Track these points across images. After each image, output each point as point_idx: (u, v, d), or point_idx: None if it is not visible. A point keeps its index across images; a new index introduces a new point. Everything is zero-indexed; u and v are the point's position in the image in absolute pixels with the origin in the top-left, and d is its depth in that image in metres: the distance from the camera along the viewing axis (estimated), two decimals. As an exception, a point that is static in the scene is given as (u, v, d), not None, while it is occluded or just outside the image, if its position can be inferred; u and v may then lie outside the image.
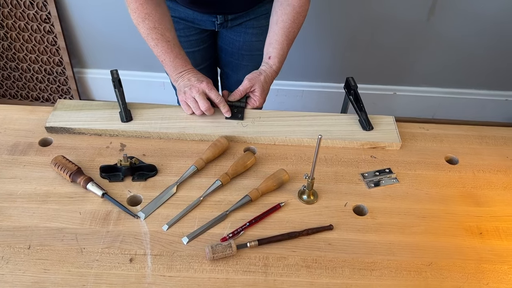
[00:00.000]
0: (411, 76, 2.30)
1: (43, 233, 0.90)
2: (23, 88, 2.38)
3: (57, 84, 2.34)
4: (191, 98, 1.12)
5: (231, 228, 0.93)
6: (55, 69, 2.28)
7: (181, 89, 1.14)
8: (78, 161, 1.04)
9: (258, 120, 1.14)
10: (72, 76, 2.30)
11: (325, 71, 2.30)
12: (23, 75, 2.32)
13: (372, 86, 2.34)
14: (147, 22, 1.10)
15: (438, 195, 1.02)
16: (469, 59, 2.20)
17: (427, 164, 1.09)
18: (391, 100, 2.39)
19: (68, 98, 2.38)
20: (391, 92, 2.36)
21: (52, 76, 2.31)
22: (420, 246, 0.92)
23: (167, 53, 1.13)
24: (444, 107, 2.41)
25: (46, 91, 2.38)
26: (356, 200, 1.00)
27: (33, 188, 0.98)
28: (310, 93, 2.38)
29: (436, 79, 2.31)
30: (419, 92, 2.36)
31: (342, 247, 0.91)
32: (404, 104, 2.40)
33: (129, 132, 1.10)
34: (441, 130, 1.18)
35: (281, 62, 1.20)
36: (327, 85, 2.36)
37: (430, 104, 2.41)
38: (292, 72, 2.28)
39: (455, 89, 2.36)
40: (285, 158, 1.08)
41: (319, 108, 2.41)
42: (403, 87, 2.35)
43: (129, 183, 1.01)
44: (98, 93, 2.43)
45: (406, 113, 2.43)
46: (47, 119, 1.11)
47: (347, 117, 1.17)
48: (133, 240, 0.90)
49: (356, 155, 1.10)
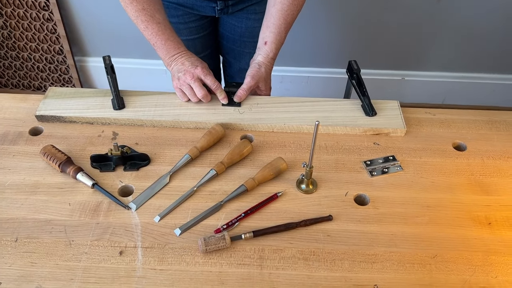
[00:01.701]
0: (420, 60, 2.23)
1: (31, 225, 0.87)
2: (24, 78, 2.35)
3: (59, 73, 2.31)
4: (186, 85, 1.08)
5: (226, 219, 0.89)
6: (56, 57, 2.25)
7: (174, 75, 1.09)
8: (68, 151, 1.01)
9: (255, 107, 1.09)
10: (73, 64, 2.26)
11: (331, 56, 2.24)
12: (24, 64, 2.29)
13: (380, 71, 2.27)
14: (135, 4, 1.06)
15: (444, 183, 0.97)
16: (480, 42, 2.12)
17: (433, 150, 1.03)
18: (399, 85, 2.32)
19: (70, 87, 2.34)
20: (400, 77, 2.29)
21: (53, 65, 2.28)
22: (425, 237, 0.87)
23: (158, 36, 1.09)
24: (454, 92, 2.34)
25: (47, 80, 2.35)
26: (357, 189, 0.95)
27: (22, 178, 0.95)
28: (315, 79, 2.32)
29: (446, 63, 2.23)
30: (428, 77, 2.29)
31: (341, 239, 0.86)
32: (413, 89, 2.33)
33: (122, 120, 1.06)
34: (449, 115, 1.12)
35: (278, 48, 1.15)
36: (333, 70, 2.29)
37: (440, 90, 2.34)
38: (296, 58, 2.23)
39: (465, 74, 2.28)
40: (283, 146, 1.04)
41: (325, 94, 2.32)
42: (411, 72, 2.28)
43: (121, 173, 0.97)
44: (100, 82, 2.40)
45: (415, 99, 2.36)
46: (38, 108, 1.08)
47: (349, 103, 1.11)
48: (124, 232, 0.87)
49: (358, 142, 1.05)
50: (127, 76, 2.32)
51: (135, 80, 2.33)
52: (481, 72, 2.26)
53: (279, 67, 2.23)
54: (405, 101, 2.35)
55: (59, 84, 2.35)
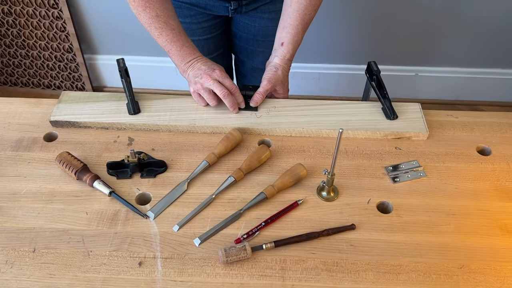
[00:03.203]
0: (434, 56, 2.18)
1: (48, 235, 0.86)
2: (34, 76, 2.34)
3: (68, 71, 2.30)
4: (205, 88, 1.05)
5: (246, 228, 0.87)
6: (65, 55, 2.23)
7: (191, 80, 1.07)
8: (84, 157, 0.99)
9: (272, 110, 1.07)
10: (83, 62, 2.25)
11: (343, 52, 2.20)
12: (33, 63, 2.28)
13: (392, 67, 2.24)
14: (148, 11, 1.03)
15: (469, 189, 0.94)
16: (494, 37, 2.07)
17: (456, 155, 1.01)
18: (413, 81, 2.28)
19: (80, 85, 2.33)
20: (413, 73, 2.25)
21: (62, 63, 2.26)
22: (450, 246, 0.85)
23: (173, 42, 1.06)
24: (468, 88, 2.30)
25: (57, 78, 2.34)
26: (380, 196, 0.93)
27: (38, 186, 0.94)
28: (327, 76, 2.29)
29: (460, 58, 2.19)
30: (442, 72, 2.24)
31: (365, 249, 0.84)
32: (427, 85, 2.29)
33: (137, 125, 1.04)
34: (472, 118, 1.09)
35: (295, 49, 1.12)
36: (345, 66, 2.26)
37: (454, 85, 2.29)
38: (308, 54, 2.19)
39: (480, 69, 2.23)
40: (302, 151, 1.01)
41: (338, 91, 2.32)
42: (425, 68, 2.23)
43: (138, 180, 0.96)
44: (110, 79, 2.38)
45: (429, 95, 2.32)
46: (52, 113, 1.06)
47: (369, 105, 1.09)
48: (142, 242, 0.85)
49: (379, 147, 1.02)
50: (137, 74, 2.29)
51: (146, 78, 2.31)
52: (497, 67, 2.22)
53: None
54: (419, 98, 2.32)
55: (69, 82, 2.33)
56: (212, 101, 1.05)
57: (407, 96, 2.31)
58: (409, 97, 2.31)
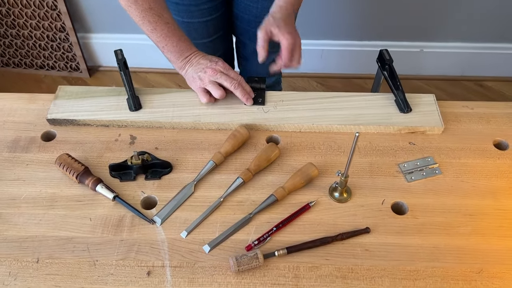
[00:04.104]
0: (439, 31, 2.11)
1: (51, 243, 0.83)
2: (26, 56, 2.25)
3: (61, 51, 2.21)
4: (212, 82, 0.99)
5: (256, 233, 0.84)
6: (58, 35, 2.14)
7: (193, 76, 1.01)
8: (85, 158, 0.95)
9: (280, 104, 1.02)
10: (77, 42, 2.16)
11: (346, 28, 2.12)
12: (25, 43, 2.19)
13: (397, 43, 2.16)
14: (140, 3, 0.94)
15: (486, 187, 0.91)
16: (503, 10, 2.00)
17: (472, 150, 0.97)
18: (418, 57, 2.21)
19: (74, 65, 2.26)
20: (418, 49, 2.18)
21: (55, 43, 2.18)
22: (468, 249, 0.82)
23: (169, 37, 0.99)
24: (474, 63, 2.23)
25: (50, 58, 2.25)
26: (394, 196, 0.89)
27: (38, 191, 0.90)
28: (331, 52, 2.22)
29: (467, 33, 2.11)
30: (448, 48, 2.17)
31: (380, 253, 0.81)
32: (432, 61, 2.23)
33: (139, 123, 1.00)
34: (488, 109, 1.05)
35: None
36: (349, 43, 2.18)
37: (459, 61, 2.23)
38: (310, 30, 2.11)
39: (486, 44, 2.16)
40: (312, 148, 0.97)
41: (341, 68, 2.25)
42: (431, 44, 2.16)
43: (142, 182, 0.92)
44: (105, 59, 2.30)
45: (434, 71, 2.26)
46: (49, 110, 1.01)
47: (382, 98, 1.04)
48: (150, 250, 0.82)
49: (392, 142, 0.98)
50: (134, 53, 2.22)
51: (143, 57, 2.23)
52: (504, 42, 2.15)
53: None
54: (423, 74, 2.26)
55: (63, 62, 2.25)
56: (222, 95, 0.99)
57: (412, 72, 2.26)
58: (413, 73, 2.26)
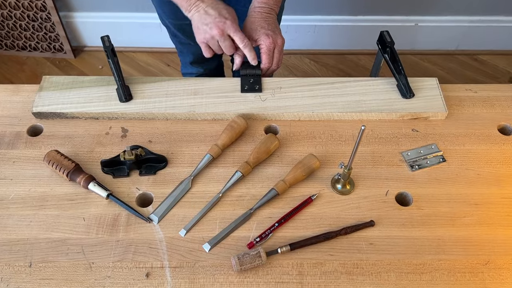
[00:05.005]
0: (434, 4, 2.06)
1: (44, 246, 0.79)
2: (7, 37, 2.16)
3: (44, 31, 2.12)
4: (214, 40, 0.94)
5: (258, 230, 0.81)
6: (39, 14, 2.05)
7: (198, 26, 0.94)
8: (75, 154, 0.90)
9: (278, 92, 0.98)
10: (59, 21, 2.07)
11: (339, 3, 2.06)
12: (4, 23, 2.09)
13: (391, 17, 2.11)
14: None
15: (491, 175, 0.88)
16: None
17: (477, 136, 0.94)
18: (412, 32, 2.16)
19: (58, 46, 2.17)
20: (413, 23, 2.13)
21: (36, 23, 2.08)
22: (474, 240, 0.80)
23: None
24: (469, 37, 2.19)
25: (32, 39, 2.16)
26: (398, 186, 0.87)
27: (27, 190, 0.86)
28: (323, 28, 2.15)
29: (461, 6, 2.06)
30: (443, 22, 2.13)
31: (385, 247, 0.79)
32: (426, 36, 2.18)
33: (130, 114, 0.95)
34: (492, 92, 1.01)
35: None
36: (342, 18, 2.12)
37: (454, 35, 2.19)
38: (302, 6, 2.04)
39: (481, 17, 2.12)
40: (312, 137, 0.94)
41: (334, 44, 2.20)
42: (425, 18, 2.11)
43: (137, 178, 0.88)
44: (90, 38, 2.21)
45: (428, 45, 2.22)
46: (34, 103, 0.95)
47: (383, 82, 1.00)
48: (148, 250, 0.79)
49: (395, 129, 0.95)
50: (119, 32, 2.14)
51: (128, 36, 2.16)
52: (499, 15, 2.11)
53: (283, 16, 2.06)
54: (418, 48, 2.22)
55: (46, 43, 2.16)
56: (223, 52, 0.97)
57: (406, 47, 2.21)
58: (408, 48, 2.22)
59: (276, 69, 1.00)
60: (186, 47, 1.43)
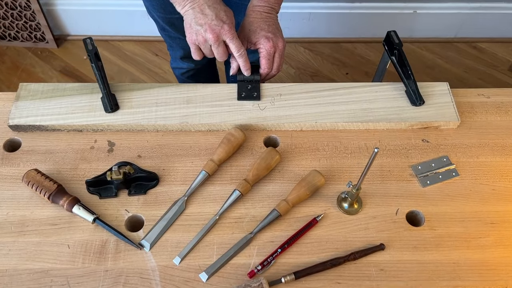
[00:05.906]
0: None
1: (25, 278, 0.72)
2: (-16, 27, 2.04)
3: (24, 20, 2.00)
4: (207, 44, 0.86)
5: (259, 256, 0.75)
6: (18, 2, 1.92)
7: (190, 25, 0.85)
8: (57, 172, 0.82)
9: (278, 99, 0.90)
10: (39, 9, 1.95)
11: (335, -12, 1.97)
12: (-19, 12, 1.97)
13: (389, 4, 2.03)
14: None
15: (507, 190, 0.83)
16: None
17: (491, 146, 0.88)
18: (411, 19, 2.08)
19: (39, 35, 2.05)
20: (411, 10, 2.05)
21: (15, 11, 1.96)
22: (491, 263, 0.75)
23: None
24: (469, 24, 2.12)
25: (12, 28, 2.04)
26: (408, 204, 0.81)
27: (5, 214, 0.78)
28: (318, 15, 2.06)
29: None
30: (442, 9, 2.05)
31: (396, 273, 0.74)
32: (425, 23, 2.10)
33: (117, 126, 0.87)
34: (505, 97, 0.95)
35: None
36: (338, 5, 2.03)
37: (454, 22, 2.11)
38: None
39: (481, 4, 2.05)
40: (316, 150, 0.87)
41: (330, 32, 2.11)
42: (424, 4, 2.03)
43: (125, 199, 0.80)
44: (73, 27, 2.09)
45: (427, 33, 2.14)
46: (10, 114, 0.87)
47: (391, 88, 0.93)
48: (139, 281, 0.72)
49: (404, 140, 0.88)
50: (104, 19, 2.03)
51: (111, 24, 2.04)
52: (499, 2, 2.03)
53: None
54: (417, 36, 2.15)
55: (26, 32, 2.04)
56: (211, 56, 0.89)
57: (405, 35, 2.14)
58: (406, 35, 2.14)
59: (275, 74, 0.92)
60: (176, 41, 1.34)
